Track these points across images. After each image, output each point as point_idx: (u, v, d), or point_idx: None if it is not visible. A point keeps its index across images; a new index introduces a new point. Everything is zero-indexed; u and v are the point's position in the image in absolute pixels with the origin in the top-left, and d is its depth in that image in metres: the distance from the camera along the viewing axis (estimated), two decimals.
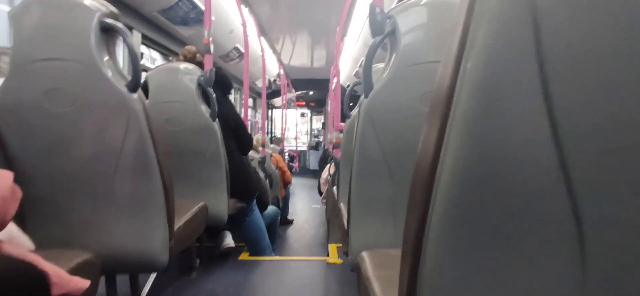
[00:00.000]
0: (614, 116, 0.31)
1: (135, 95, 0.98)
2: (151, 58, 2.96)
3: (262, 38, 3.83)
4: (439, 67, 0.41)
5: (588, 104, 0.31)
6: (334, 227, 2.48)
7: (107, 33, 0.97)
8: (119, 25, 0.96)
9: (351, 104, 1.83)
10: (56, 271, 0.69)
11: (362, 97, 1.04)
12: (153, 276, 1.58)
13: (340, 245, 2.20)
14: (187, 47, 1.99)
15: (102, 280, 1.12)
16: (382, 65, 1.08)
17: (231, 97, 2.20)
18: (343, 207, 1.52)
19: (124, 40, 0.96)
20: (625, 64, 0.30)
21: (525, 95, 0.33)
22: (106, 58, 0.96)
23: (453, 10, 0.40)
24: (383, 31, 0.97)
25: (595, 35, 0.30)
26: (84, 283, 0.74)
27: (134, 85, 0.98)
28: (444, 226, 0.37)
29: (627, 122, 0.30)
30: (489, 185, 0.35)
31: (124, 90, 0.96)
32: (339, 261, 2.06)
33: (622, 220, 0.32)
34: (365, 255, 0.88)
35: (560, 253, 0.34)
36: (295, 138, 8.39)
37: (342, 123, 2.16)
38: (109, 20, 0.96)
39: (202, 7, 1.99)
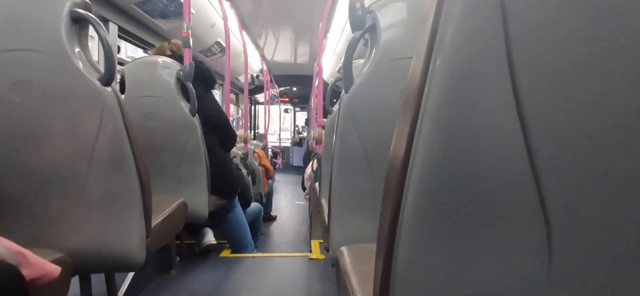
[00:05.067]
0: (580, 108, 0.31)
1: (109, 89, 0.95)
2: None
3: (244, 33, 3.78)
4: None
5: (555, 96, 0.32)
6: (317, 223, 2.49)
7: (79, 23, 0.94)
8: (91, 15, 0.93)
9: (333, 100, 1.83)
10: (31, 254, 0.69)
11: (343, 92, 1.04)
12: (131, 275, 1.54)
13: (323, 240, 2.21)
14: (173, 40, 1.95)
15: (76, 280, 1.08)
16: (363, 61, 1.09)
17: (214, 93, 2.16)
18: (324, 202, 1.53)
19: (96, 31, 0.93)
20: (592, 55, 0.30)
21: (493, 88, 0.33)
22: (77, 49, 0.93)
23: (426, 7, 0.40)
24: (363, 26, 0.97)
25: (562, 28, 0.31)
26: (56, 268, 0.73)
27: (108, 78, 0.94)
28: (416, 218, 0.38)
29: (592, 113, 0.31)
30: (459, 177, 0.36)
31: (97, 83, 0.93)
32: (321, 257, 2.06)
33: (585, 208, 0.33)
34: (344, 249, 0.89)
35: (528, 241, 0.35)
36: (279, 134, 8.35)
37: (325, 119, 2.16)
38: (80, 10, 0.92)
39: None
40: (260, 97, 7.97)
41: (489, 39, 0.32)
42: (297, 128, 9.33)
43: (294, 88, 8.48)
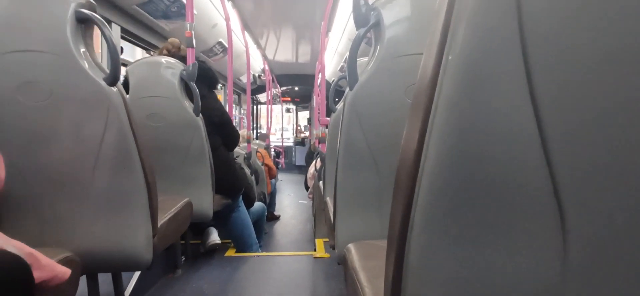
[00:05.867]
0: (599, 105, 0.31)
1: (114, 89, 0.96)
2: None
3: (245, 33, 3.78)
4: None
5: (573, 93, 0.31)
6: (321, 222, 2.49)
7: (84, 24, 0.94)
8: (96, 16, 0.93)
9: (336, 99, 1.83)
10: (42, 256, 0.70)
11: (347, 90, 1.04)
12: (137, 274, 1.55)
13: (327, 239, 2.21)
14: (170, 39, 1.95)
15: (83, 279, 1.09)
16: (366, 59, 1.08)
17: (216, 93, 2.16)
18: (329, 200, 1.53)
19: (101, 31, 0.93)
20: (611, 53, 0.30)
21: (507, 84, 0.33)
22: (83, 50, 0.93)
23: (437, 2, 0.40)
24: (367, 23, 0.97)
25: (577, 24, 0.31)
26: (66, 271, 0.75)
27: (113, 78, 0.95)
28: (428, 214, 0.38)
29: (610, 111, 0.31)
30: (472, 174, 0.35)
31: (103, 83, 0.93)
32: (326, 255, 2.06)
33: (601, 204, 0.33)
34: (351, 246, 0.89)
35: (543, 237, 0.35)
36: (281, 134, 8.37)
37: (328, 118, 2.16)
38: (85, 11, 0.92)
39: (184, 0, 1.95)
40: (261, 97, 7.98)
41: (504, 35, 0.32)
42: (299, 128, 9.33)
43: (296, 88, 8.47)
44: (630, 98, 0.30)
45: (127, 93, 1.62)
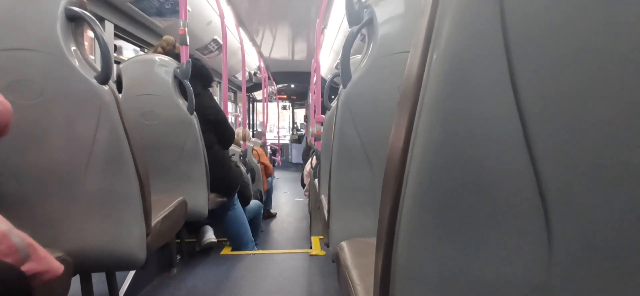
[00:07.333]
0: (578, 98, 0.31)
1: (106, 87, 0.95)
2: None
3: (241, 30, 3.77)
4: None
5: (553, 87, 0.32)
6: (317, 219, 2.49)
7: (74, 22, 0.93)
8: (86, 13, 0.92)
9: (331, 96, 1.83)
10: (41, 248, 0.70)
11: (341, 88, 1.04)
12: (132, 273, 1.54)
13: (323, 236, 2.21)
14: (165, 37, 1.94)
15: (77, 279, 1.08)
16: (360, 56, 1.09)
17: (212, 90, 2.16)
18: (324, 198, 1.53)
19: (93, 29, 0.92)
20: (590, 44, 0.30)
21: (491, 80, 0.33)
22: (73, 48, 0.92)
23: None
24: (360, 21, 0.97)
25: (559, 19, 0.31)
26: (60, 266, 0.74)
27: (105, 76, 0.94)
28: (415, 210, 0.38)
29: (590, 105, 0.31)
30: (457, 170, 0.36)
31: (94, 81, 0.93)
32: (322, 252, 2.07)
33: (583, 197, 0.33)
34: (344, 244, 0.89)
35: (527, 231, 0.35)
36: (278, 132, 8.37)
37: (323, 116, 2.16)
38: (76, 8, 0.92)
39: None
40: (257, 94, 7.96)
41: (486, 31, 0.32)
42: (295, 126, 9.32)
43: (292, 85, 8.46)
44: (611, 90, 0.30)
45: (120, 91, 1.61)
